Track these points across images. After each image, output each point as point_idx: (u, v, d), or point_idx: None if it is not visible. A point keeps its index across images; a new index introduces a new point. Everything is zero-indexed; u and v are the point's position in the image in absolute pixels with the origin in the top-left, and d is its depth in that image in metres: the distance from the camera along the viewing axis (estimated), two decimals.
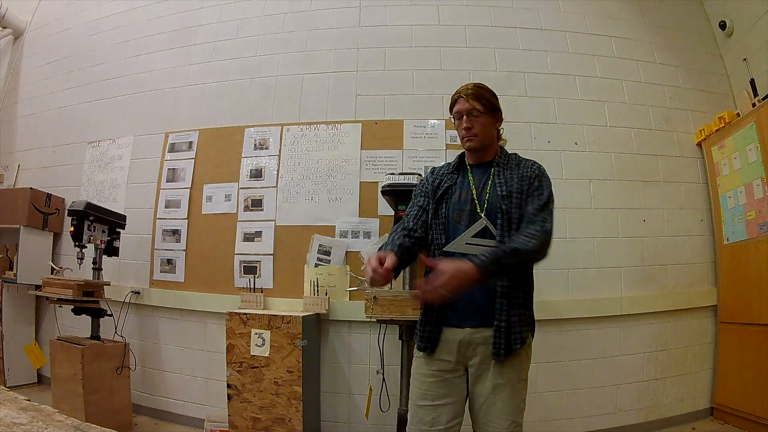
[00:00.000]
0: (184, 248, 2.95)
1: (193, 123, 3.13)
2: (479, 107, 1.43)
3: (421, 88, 2.90)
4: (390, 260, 1.24)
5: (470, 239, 1.37)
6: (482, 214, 1.38)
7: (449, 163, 1.57)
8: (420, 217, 1.49)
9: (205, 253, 2.91)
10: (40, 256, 3.25)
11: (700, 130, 2.95)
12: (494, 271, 1.22)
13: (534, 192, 1.38)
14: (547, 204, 1.37)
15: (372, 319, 2.19)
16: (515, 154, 1.52)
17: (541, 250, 1.28)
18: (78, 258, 2.64)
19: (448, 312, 1.39)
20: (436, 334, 1.39)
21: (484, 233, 1.37)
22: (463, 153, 1.55)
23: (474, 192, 1.43)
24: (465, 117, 1.44)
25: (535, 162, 1.48)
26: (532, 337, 1.43)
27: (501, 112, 1.51)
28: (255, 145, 2.97)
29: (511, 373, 1.33)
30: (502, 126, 1.54)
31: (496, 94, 1.50)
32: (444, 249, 1.40)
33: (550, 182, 1.43)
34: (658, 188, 2.86)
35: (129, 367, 2.65)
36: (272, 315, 2.38)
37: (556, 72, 2.93)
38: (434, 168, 1.61)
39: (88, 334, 2.67)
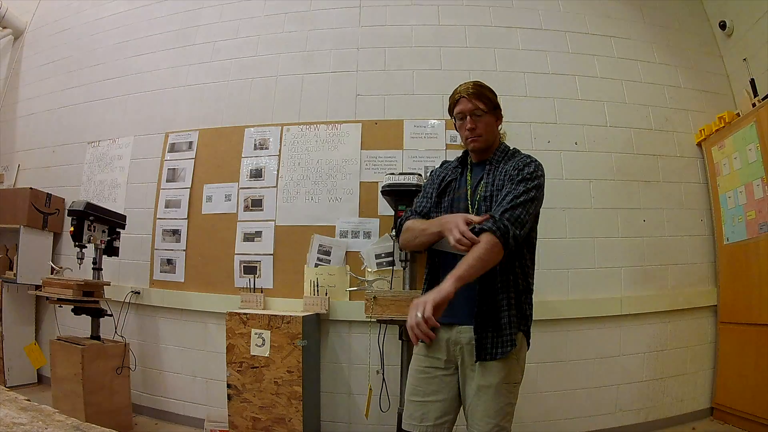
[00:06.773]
0: (184, 248, 2.95)
1: (193, 123, 3.12)
2: (482, 107, 1.41)
3: (421, 88, 2.90)
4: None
5: None
6: None
7: (457, 158, 1.56)
8: (430, 201, 1.50)
9: (205, 253, 2.91)
10: (40, 256, 3.24)
11: (700, 130, 2.95)
12: (463, 277, 1.18)
13: (514, 185, 1.31)
14: (522, 195, 1.28)
15: (372, 319, 2.19)
16: (515, 149, 1.49)
17: (493, 252, 1.21)
18: (78, 258, 2.64)
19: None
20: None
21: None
22: (467, 150, 1.53)
23: (468, 191, 1.42)
24: (469, 117, 1.41)
25: (530, 156, 1.40)
26: (528, 340, 1.39)
27: (501, 110, 1.49)
28: (255, 145, 2.97)
29: (497, 375, 1.29)
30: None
31: (496, 93, 1.49)
32: (432, 247, 1.39)
33: (541, 178, 1.35)
34: (658, 188, 2.86)
35: (129, 367, 2.64)
36: (272, 315, 2.37)
37: (556, 72, 2.92)
38: (444, 161, 1.62)
39: (88, 334, 2.67)
